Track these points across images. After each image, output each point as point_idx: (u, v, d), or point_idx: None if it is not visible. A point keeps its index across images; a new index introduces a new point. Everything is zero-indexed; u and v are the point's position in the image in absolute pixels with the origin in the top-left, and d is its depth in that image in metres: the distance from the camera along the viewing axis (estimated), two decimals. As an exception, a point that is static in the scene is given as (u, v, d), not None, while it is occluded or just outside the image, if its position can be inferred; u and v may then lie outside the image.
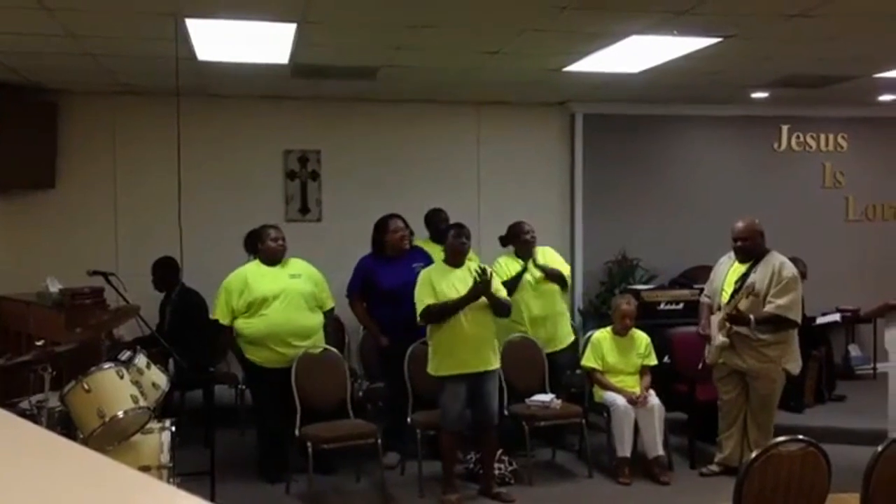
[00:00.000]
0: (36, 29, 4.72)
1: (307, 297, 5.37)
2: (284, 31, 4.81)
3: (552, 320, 5.98)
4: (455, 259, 5.07)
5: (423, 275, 5.06)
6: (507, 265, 5.91)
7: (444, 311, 4.88)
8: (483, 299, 4.92)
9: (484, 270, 4.96)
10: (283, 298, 5.27)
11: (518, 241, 5.96)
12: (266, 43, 5.11)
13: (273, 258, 5.39)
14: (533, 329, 5.90)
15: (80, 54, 5.39)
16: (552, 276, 5.89)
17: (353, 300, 5.76)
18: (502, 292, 5.13)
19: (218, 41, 5.04)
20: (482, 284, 4.87)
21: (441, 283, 4.95)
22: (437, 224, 6.22)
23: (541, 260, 5.93)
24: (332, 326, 5.76)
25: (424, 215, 6.42)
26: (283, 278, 5.34)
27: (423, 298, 4.94)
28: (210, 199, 6.96)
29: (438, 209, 6.43)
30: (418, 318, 4.98)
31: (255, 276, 5.34)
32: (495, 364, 5.07)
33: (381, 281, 5.59)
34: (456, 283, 4.97)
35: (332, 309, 5.66)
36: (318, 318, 5.45)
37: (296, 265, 5.48)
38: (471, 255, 5.29)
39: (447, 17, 4.58)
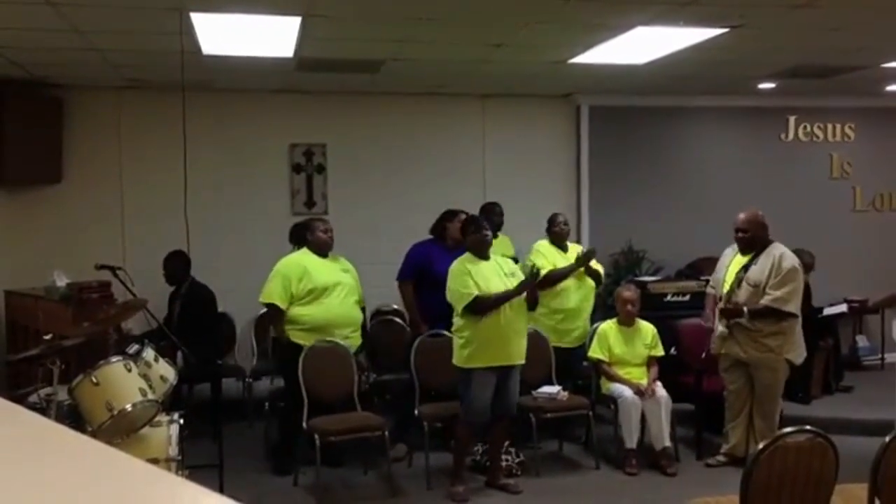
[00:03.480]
0: (40, 24, 4.72)
1: (356, 291, 5.50)
2: (289, 25, 4.80)
3: (584, 315, 6.03)
4: (481, 252, 5.05)
5: (459, 265, 4.98)
6: (549, 253, 5.97)
7: (491, 304, 4.85)
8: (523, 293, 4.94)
9: (536, 270, 5.01)
10: (340, 290, 5.36)
11: (552, 231, 6.07)
12: (271, 37, 5.11)
13: (324, 249, 5.47)
14: (567, 321, 5.94)
15: (84, 49, 5.39)
16: (595, 275, 6.00)
17: (404, 283, 5.80)
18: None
19: (223, 35, 5.04)
20: (531, 280, 4.89)
21: (479, 274, 4.91)
22: (492, 217, 6.21)
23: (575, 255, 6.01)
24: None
25: (480, 207, 6.40)
26: (338, 271, 5.45)
27: (466, 289, 4.86)
28: (216, 193, 6.96)
29: (493, 203, 6.46)
30: (460, 309, 4.89)
31: (313, 265, 5.39)
32: (524, 358, 5.07)
33: (438, 267, 5.52)
34: (488, 274, 4.95)
35: (365, 307, 5.75)
36: (361, 313, 5.60)
37: (343, 261, 5.58)
38: (501, 237, 5.31)
39: (451, 9, 4.57)
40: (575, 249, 6.08)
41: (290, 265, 5.38)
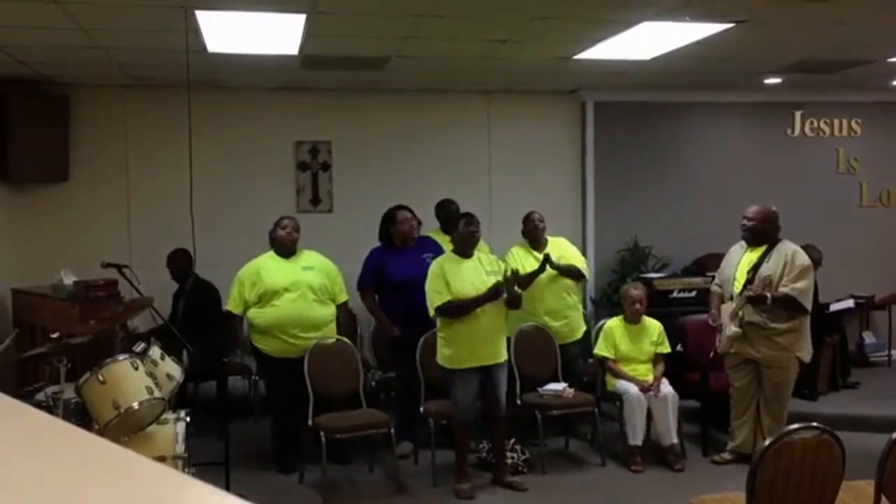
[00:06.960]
0: (46, 23, 4.73)
1: (318, 289, 5.41)
2: (294, 22, 4.80)
3: (565, 314, 5.98)
4: (466, 249, 5.06)
5: (435, 267, 5.03)
6: (520, 256, 5.91)
7: (462, 309, 4.86)
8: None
9: (515, 272, 4.98)
10: (294, 290, 5.31)
11: (526, 229, 6.00)
12: (275, 34, 5.11)
13: (283, 247, 5.44)
14: (547, 322, 5.91)
15: (90, 48, 5.40)
16: (568, 273, 5.91)
17: (364, 292, 5.77)
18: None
19: (228, 33, 5.04)
20: (503, 284, 4.85)
21: (454, 275, 4.93)
22: (448, 214, 6.21)
23: (555, 254, 5.90)
24: (345, 318, 5.77)
25: (435, 206, 6.42)
26: (296, 270, 5.39)
27: (438, 293, 4.90)
28: (222, 191, 6.98)
29: (449, 200, 6.42)
30: (432, 312, 4.96)
31: (268, 267, 5.39)
32: (505, 356, 5.09)
33: (392, 272, 5.60)
34: (468, 274, 4.95)
35: (346, 302, 5.68)
36: (328, 311, 5.48)
37: (309, 257, 5.52)
38: (481, 244, 5.28)
39: (456, 5, 4.56)
40: (553, 243, 6.00)
41: (247, 271, 5.45)
